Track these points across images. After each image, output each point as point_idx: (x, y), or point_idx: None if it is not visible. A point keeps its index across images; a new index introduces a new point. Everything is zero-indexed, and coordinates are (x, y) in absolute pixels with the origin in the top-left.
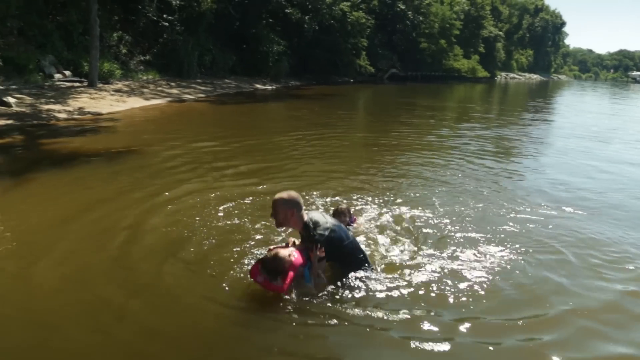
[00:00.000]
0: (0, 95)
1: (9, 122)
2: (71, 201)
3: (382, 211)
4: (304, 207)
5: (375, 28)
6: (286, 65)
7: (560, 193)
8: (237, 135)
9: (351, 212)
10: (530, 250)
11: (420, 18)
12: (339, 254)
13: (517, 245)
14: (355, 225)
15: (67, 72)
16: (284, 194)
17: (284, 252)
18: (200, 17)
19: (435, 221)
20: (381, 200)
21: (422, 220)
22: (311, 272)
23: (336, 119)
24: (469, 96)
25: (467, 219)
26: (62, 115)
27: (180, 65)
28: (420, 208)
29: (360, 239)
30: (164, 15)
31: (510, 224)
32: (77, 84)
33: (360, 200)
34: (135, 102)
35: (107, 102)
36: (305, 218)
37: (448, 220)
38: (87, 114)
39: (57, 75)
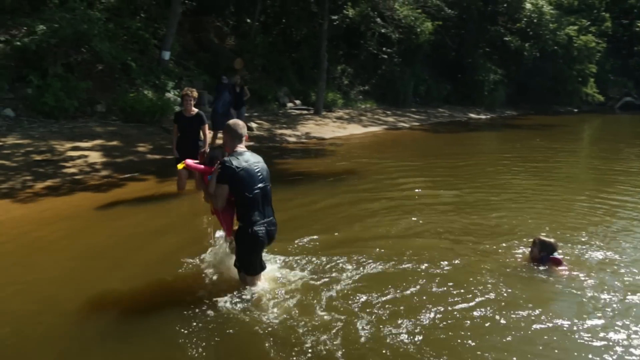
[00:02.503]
0: (246, 121)
1: (251, 143)
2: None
3: (604, 257)
4: (242, 141)
5: (606, 52)
6: (502, 95)
7: None
8: (450, 162)
9: (549, 248)
10: None
11: None
12: (236, 196)
13: None
14: (553, 267)
15: (297, 101)
16: (231, 121)
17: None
18: (417, 48)
19: None
20: (604, 243)
21: None
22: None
23: (558, 151)
24: None
25: None
26: (292, 139)
27: (396, 95)
28: None
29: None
30: (384, 49)
31: None
32: (305, 112)
33: (580, 237)
34: (354, 129)
35: (329, 128)
36: (237, 149)
37: None
38: (312, 138)
39: (289, 104)
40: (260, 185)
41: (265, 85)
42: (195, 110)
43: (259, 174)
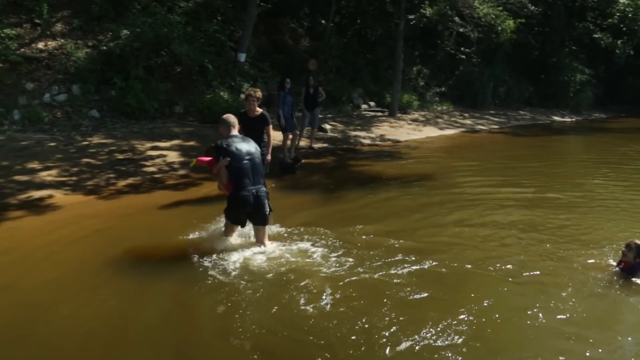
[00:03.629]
0: (320, 123)
1: (325, 145)
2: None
3: None
4: (234, 128)
5: None
6: (590, 96)
7: None
8: (532, 165)
9: None
10: None
11: None
12: (228, 168)
13: None
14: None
15: (372, 103)
16: (224, 116)
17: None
18: (497, 48)
19: None
20: None
21: None
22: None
23: None
24: None
25: None
26: (366, 141)
27: (474, 97)
28: None
29: None
30: (462, 48)
31: None
32: (379, 114)
33: None
34: (430, 132)
35: (404, 131)
36: (230, 134)
37: None
38: (387, 140)
39: (364, 106)
40: (248, 157)
41: (339, 87)
42: (259, 110)
43: (246, 149)
